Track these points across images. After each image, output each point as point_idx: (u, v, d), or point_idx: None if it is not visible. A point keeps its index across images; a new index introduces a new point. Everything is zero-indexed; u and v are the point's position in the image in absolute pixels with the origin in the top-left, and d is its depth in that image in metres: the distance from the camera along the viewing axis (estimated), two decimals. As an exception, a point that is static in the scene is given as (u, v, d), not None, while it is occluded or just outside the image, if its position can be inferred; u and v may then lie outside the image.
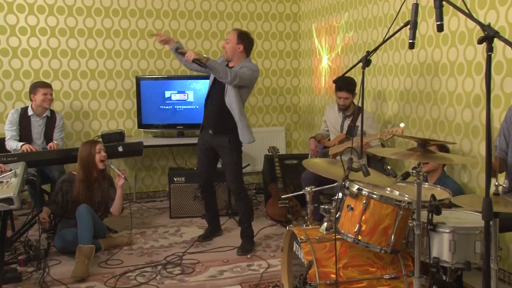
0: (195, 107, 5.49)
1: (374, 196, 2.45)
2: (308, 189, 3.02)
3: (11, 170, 3.56)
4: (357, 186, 2.49)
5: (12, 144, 4.51)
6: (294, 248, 2.82)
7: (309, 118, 6.10)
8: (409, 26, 2.25)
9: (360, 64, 2.66)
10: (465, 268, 2.35)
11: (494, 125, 3.29)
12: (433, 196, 2.33)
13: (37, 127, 4.72)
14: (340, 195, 2.57)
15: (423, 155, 2.39)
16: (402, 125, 3.68)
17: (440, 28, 2.07)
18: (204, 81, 5.30)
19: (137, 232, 4.52)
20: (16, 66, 5.26)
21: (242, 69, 3.85)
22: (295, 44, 6.22)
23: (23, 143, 4.49)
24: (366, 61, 2.64)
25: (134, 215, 5.10)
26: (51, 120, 4.78)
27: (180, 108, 5.53)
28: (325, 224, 2.72)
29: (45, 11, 5.31)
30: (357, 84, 4.37)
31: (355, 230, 2.45)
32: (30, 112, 4.69)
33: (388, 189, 2.68)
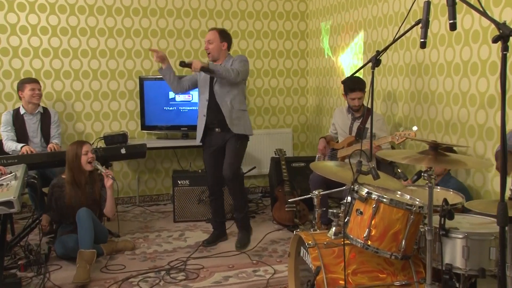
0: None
1: (384, 200, 2.44)
2: (316, 192, 3.02)
3: (11, 172, 3.58)
4: (366, 190, 2.48)
5: (11, 145, 4.54)
6: (302, 254, 2.82)
7: (317, 119, 6.09)
8: (420, 25, 2.24)
9: (370, 64, 2.66)
10: (479, 276, 2.34)
11: (509, 127, 3.27)
12: (445, 200, 2.32)
13: (32, 125, 4.75)
14: (349, 199, 2.56)
15: (436, 159, 2.37)
16: (415, 128, 3.67)
17: (453, 26, 2.06)
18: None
19: (140, 237, 4.53)
20: (16, 66, 5.29)
21: (236, 64, 4.03)
22: (302, 44, 6.22)
23: (22, 144, 4.52)
24: (376, 61, 2.64)
25: (137, 219, 5.12)
26: (45, 116, 4.82)
27: (184, 109, 5.54)
28: (334, 229, 2.71)
29: (46, 10, 5.33)
30: (365, 83, 4.36)
31: (364, 235, 2.44)
32: (22, 111, 4.74)
33: (399, 192, 2.67)
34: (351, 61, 5.19)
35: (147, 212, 5.42)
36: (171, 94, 5.52)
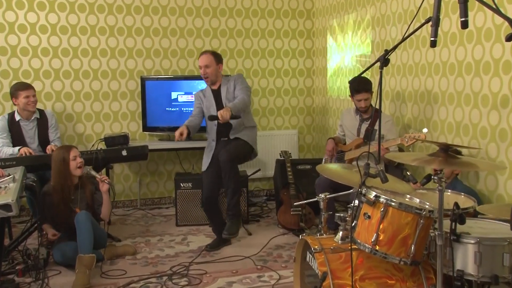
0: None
1: (393, 203, 2.43)
2: (322, 195, 3.01)
3: (9, 175, 3.59)
4: (374, 193, 2.47)
5: (8, 151, 4.51)
6: (307, 259, 2.81)
7: (323, 120, 6.08)
8: (430, 23, 2.23)
9: (378, 64, 2.65)
10: (492, 282, 2.32)
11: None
12: (456, 204, 2.31)
13: (29, 131, 4.74)
14: (356, 202, 2.56)
15: (446, 161, 2.36)
16: (425, 130, 3.66)
17: (464, 24, 2.05)
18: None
19: (142, 241, 4.53)
20: (15, 66, 5.31)
21: (239, 89, 4.29)
22: (308, 43, 6.21)
23: (20, 146, 4.51)
24: (384, 61, 2.64)
25: (139, 223, 5.12)
26: (42, 121, 4.80)
27: (187, 110, 5.53)
28: (341, 233, 2.70)
29: (45, 8, 5.35)
30: (372, 83, 4.36)
31: (372, 240, 2.43)
32: (17, 117, 4.71)
33: (408, 196, 2.66)
34: (358, 61, 5.18)
35: (148, 215, 5.42)
36: (174, 95, 5.53)
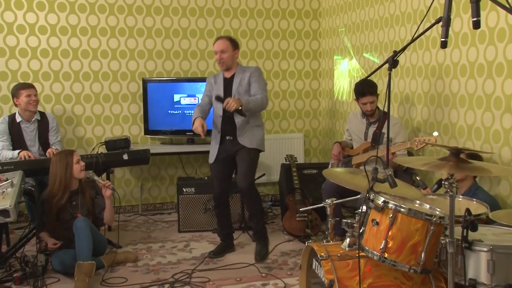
0: (206, 112, 5.50)
1: (402, 209, 2.42)
2: (329, 201, 3.01)
3: (7, 179, 3.59)
4: (382, 199, 2.47)
5: (7, 154, 4.52)
6: (314, 266, 2.81)
7: (330, 124, 6.07)
8: (441, 23, 2.22)
9: (386, 65, 2.64)
10: (505, 292, 2.31)
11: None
12: (468, 211, 2.29)
13: (29, 133, 4.75)
14: (364, 208, 2.55)
15: (457, 166, 2.35)
16: (435, 133, 3.65)
17: (476, 24, 2.04)
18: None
19: (143, 247, 4.53)
20: (13, 67, 5.33)
21: (255, 83, 4.16)
22: (315, 44, 6.21)
23: (20, 150, 4.52)
24: (393, 62, 2.62)
25: (140, 229, 5.12)
26: (43, 123, 4.82)
27: (190, 113, 5.53)
28: (348, 240, 2.70)
29: (45, 8, 5.38)
30: (377, 86, 4.35)
31: (380, 247, 2.42)
32: (18, 119, 4.72)
33: (418, 202, 2.65)
34: (366, 62, 5.17)
35: (150, 221, 5.42)
36: (176, 97, 5.54)
